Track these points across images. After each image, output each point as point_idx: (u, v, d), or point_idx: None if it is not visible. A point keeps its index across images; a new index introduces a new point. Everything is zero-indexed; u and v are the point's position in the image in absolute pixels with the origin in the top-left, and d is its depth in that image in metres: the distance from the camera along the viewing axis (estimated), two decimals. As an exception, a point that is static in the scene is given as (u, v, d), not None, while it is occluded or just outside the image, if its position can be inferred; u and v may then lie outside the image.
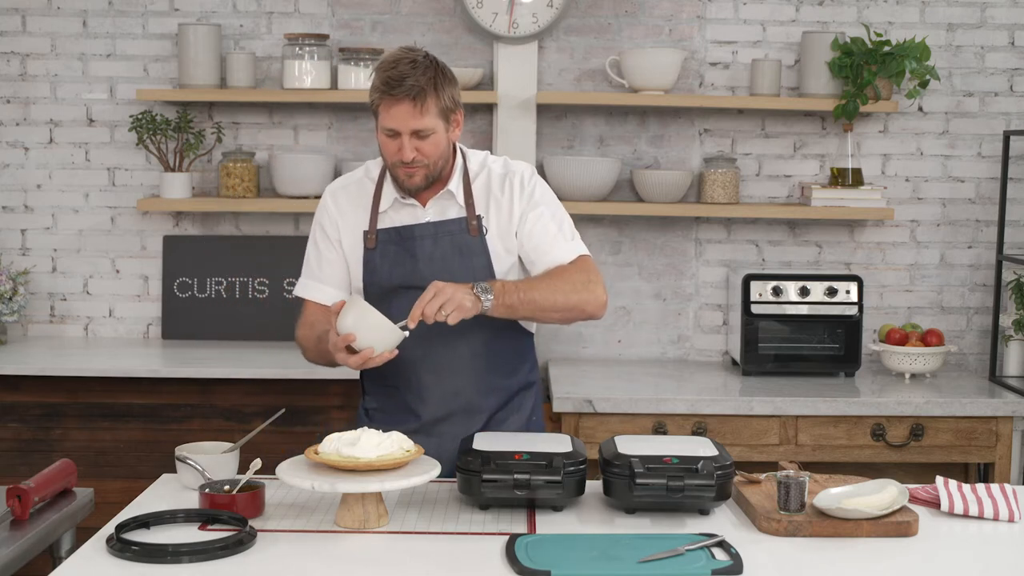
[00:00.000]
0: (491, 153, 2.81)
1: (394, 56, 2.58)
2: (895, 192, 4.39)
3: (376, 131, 2.64)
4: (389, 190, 2.71)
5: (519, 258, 2.74)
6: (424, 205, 2.70)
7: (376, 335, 2.47)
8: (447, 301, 2.46)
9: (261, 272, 4.36)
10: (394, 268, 2.69)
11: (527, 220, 2.70)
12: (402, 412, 2.75)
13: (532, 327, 2.84)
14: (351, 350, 2.49)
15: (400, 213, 2.71)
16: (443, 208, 2.70)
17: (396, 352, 2.52)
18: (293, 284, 4.32)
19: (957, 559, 2.25)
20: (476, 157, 2.77)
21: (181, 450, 2.54)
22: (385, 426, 2.68)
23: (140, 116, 4.23)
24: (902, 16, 4.34)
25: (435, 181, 2.67)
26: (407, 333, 2.50)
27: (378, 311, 2.49)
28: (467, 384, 2.73)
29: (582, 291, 2.66)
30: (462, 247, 2.68)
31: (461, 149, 2.77)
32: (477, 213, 2.69)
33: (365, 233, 2.71)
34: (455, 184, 2.70)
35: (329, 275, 2.77)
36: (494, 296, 2.54)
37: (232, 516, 2.29)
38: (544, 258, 2.69)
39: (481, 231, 2.69)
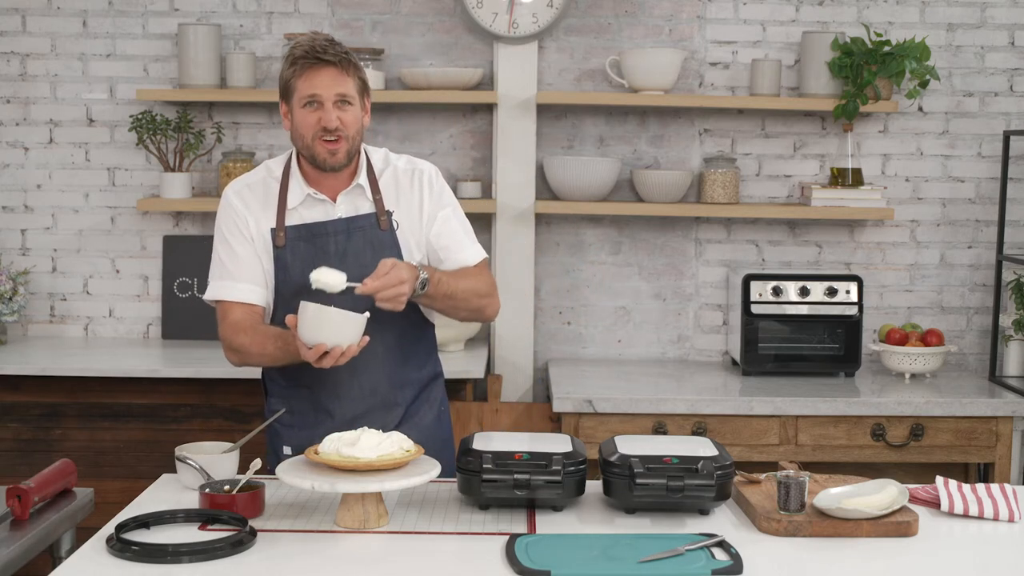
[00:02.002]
0: (389, 151, 2.84)
1: (307, 37, 2.65)
2: (895, 192, 4.39)
3: (288, 115, 2.66)
4: (297, 187, 2.71)
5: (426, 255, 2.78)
6: (335, 201, 2.71)
7: (343, 332, 2.48)
8: (396, 296, 2.52)
9: (261, 272, 4.35)
10: (306, 265, 2.66)
11: (436, 220, 2.76)
12: (315, 412, 2.73)
13: (434, 319, 2.86)
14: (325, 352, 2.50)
15: (312, 210, 2.71)
16: (354, 204, 2.72)
17: (367, 339, 2.53)
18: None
19: (957, 559, 2.25)
20: (377, 153, 2.81)
21: (181, 450, 2.54)
22: (296, 428, 2.69)
23: (140, 116, 4.23)
24: (902, 16, 4.34)
25: (350, 162, 2.69)
26: (368, 315, 2.53)
27: (334, 307, 2.49)
28: (383, 380, 2.74)
29: (491, 295, 2.81)
30: (374, 242, 2.70)
31: (363, 146, 2.79)
32: (387, 208, 2.72)
33: (273, 231, 2.70)
34: (363, 178, 2.72)
35: (247, 273, 2.71)
36: (429, 287, 2.61)
37: (232, 516, 2.29)
38: (453, 257, 2.76)
39: (391, 225, 2.72)
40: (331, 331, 2.47)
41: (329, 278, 2.52)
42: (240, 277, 2.71)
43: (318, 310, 2.47)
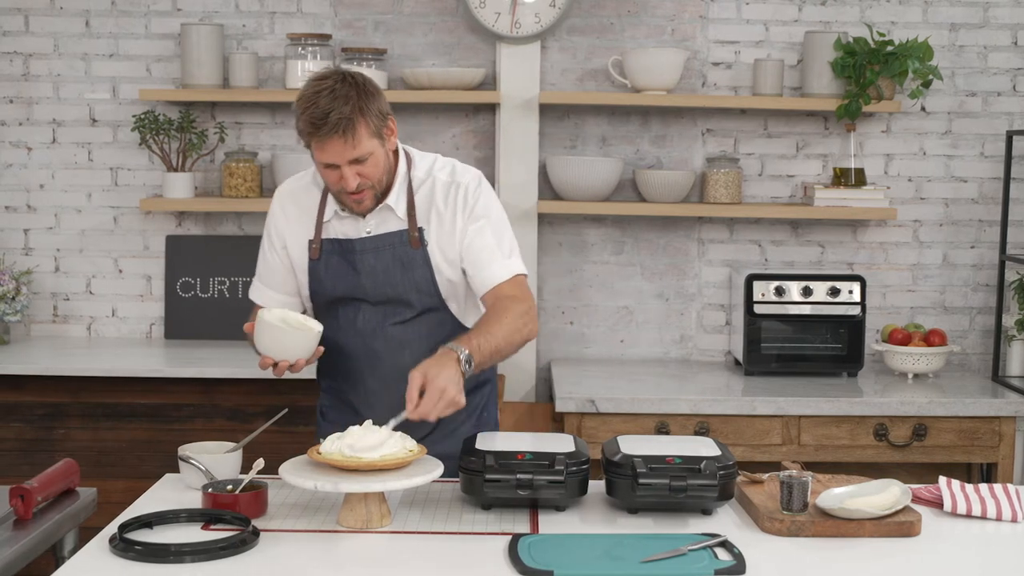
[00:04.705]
0: (440, 157, 2.74)
1: (312, 89, 2.48)
2: (898, 192, 4.39)
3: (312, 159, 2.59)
4: (332, 201, 2.67)
5: (463, 271, 2.69)
6: (364, 217, 2.65)
7: (289, 349, 2.50)
8: (448, 404, 2.38)
9: (264, 272, 4.35)
10: (337, 280, 2.67)
11: (467, 234, 2.65)
12: (351, 413, 2.74)
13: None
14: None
15: (343, 224, 2.67)
16: (384, 219, 2.65)
17: (321, 350, 2.55)
18: (296, 284, 4.34)
19: (960, 559, 2.25)
20: (423, 163, 2.70)
21: (184, 450, 2.54)
22: (335, 427, 2.70)
23: (143, 116, 4.23)
24: (905, 16, 4.33)
25: (382, 199, 2.63)
26: (321, 329, 2.53)
27: (290, 324, 2.51)
28: None
29: (528, 324, 2.62)
30: (404, 260, 2.64)
31: (407, 153, 2.70)
32: (419, 225, 2.65)
33: (310, 243, 2.69)
34: (394, 198, 2.64)
35: (275, 281, 2.76)
36: (473, 365, 2.46)
37: (235, 516, 2.30)
38: (481, 274, 2.65)
39: (422, 243, 2.65)
40: (278, 346, 2.50)
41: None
42: (267, 283, 2.78)
43: (267, 326, 2.49)
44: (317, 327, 2.54)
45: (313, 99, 2.47)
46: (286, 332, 2.49)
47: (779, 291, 4.09)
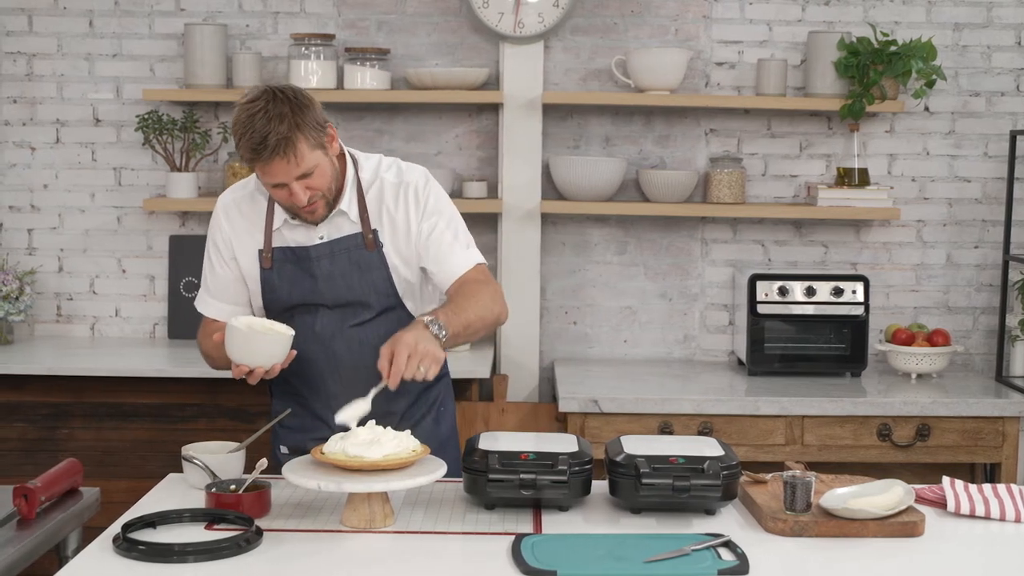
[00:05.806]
0: (384, 157, 2.75)
1: (245, 114, 2.47)
2: (901, 192, 4.38)
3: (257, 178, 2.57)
4: (280, 209, 2.66)
5: (421, 269, 2.71)
6: (317, 224, 2.65)
7: (265, 354, 2.48)
8: (422, 358, 2.38)
9: (267, 272, 4.35)
10: (293, 288, 2.66)
11: (423, 232, 2.67)
12: (312, 419, 2.74)
13: None
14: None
15: (294, 232, 2.66)
16: (337, 224, 2.65)
17: (294, 353, 2.54)
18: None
19: (964, 559, 2.25)
20: (369, 164, 2.71)
21: (187, 450, 2.55)
22: (293, 431, 2.69)
23: (146, 116, 4.23)
24: (908, 16, 4.33)
25: (334, 206, 2.63)
26: (292, 333, 2.52)
27: (256, 330, 2.49)
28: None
29: (498, 304, 2.67)
30: (360, 262, 2.65)
31: (352, 156, 2.69)
32: (372, 227, 2.66)
33: (260, 252, 2.67)
34: (347, 202, 2.64)
35: (223, 292, 2.73)
36: (447, 329, 2.47)
37: (238, 516, 2.30)
38: (443, 267, 2.67)
39: (377, 245, 2.65)
40: (252, 353, 2.48)
41: (354, 411, 2.42)
42: (217, 295, 2.74)
43: (240, 333, 2.47)
44: (288, 331, 2.53)
45: (248, 123, 2.46)
46: (260, 338, 2.48)
47: (782, 291, 4.08)
